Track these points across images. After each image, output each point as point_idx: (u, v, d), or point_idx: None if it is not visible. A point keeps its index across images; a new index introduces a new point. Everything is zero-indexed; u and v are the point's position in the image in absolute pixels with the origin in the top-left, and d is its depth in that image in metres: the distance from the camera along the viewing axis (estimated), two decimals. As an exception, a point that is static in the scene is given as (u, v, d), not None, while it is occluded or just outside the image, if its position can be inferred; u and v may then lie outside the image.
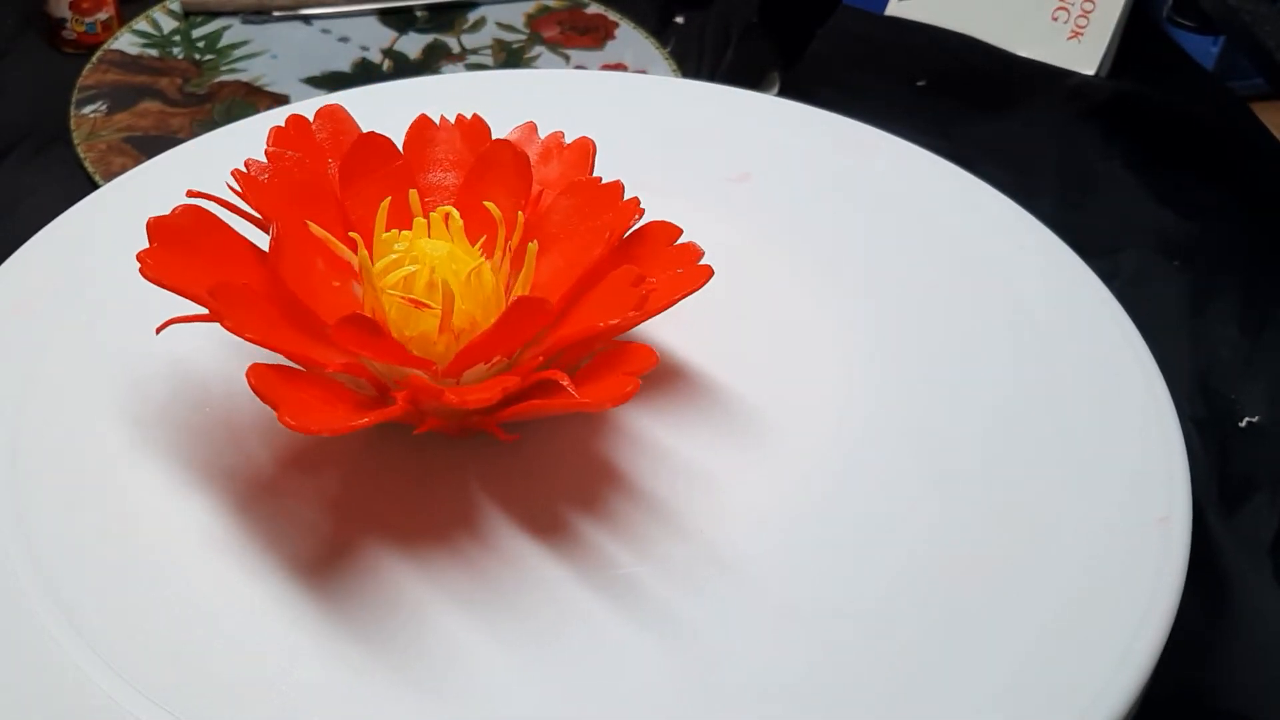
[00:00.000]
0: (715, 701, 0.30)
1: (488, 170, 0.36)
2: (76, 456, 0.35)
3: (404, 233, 0.34)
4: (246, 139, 0.47)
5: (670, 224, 0.35)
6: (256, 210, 0.35)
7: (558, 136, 0.38)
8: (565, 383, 0.31)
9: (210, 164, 0.46)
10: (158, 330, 0.33)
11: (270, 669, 0.30)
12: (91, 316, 0.39)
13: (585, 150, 0.37)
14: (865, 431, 0.37)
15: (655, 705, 0.30)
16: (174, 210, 0.34)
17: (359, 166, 0.36)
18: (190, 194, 0.35)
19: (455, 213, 0.35)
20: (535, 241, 0.34)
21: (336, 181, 0.36)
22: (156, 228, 0.33)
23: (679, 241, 0.35)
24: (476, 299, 0.33)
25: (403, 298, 0.33)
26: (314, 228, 0.34)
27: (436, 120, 0.38)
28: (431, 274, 0.33)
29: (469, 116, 0.38)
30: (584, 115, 0.48)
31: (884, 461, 0.36)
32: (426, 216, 0.35)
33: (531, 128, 0.38)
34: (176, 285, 0.32)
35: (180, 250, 0.33)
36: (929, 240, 0.44)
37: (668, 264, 0.34)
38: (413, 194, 0.35)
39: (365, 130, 0.37)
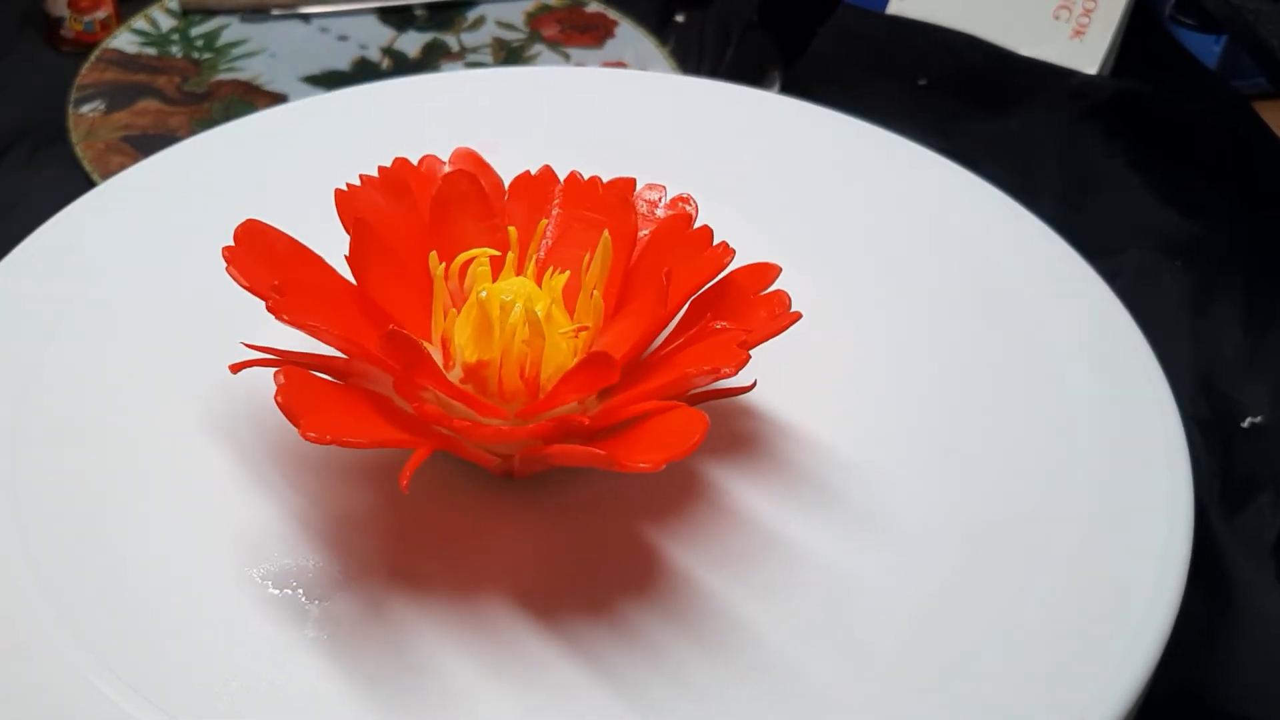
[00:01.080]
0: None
1: (580, 222, 0.36)
2: (75, 456, 0.35)
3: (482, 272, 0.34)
4: (245, 138, 0.47)
5: (765, 267, 0.34)
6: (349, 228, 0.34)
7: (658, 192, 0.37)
8: (601, 453, 0.29)
9: (208, 163, 0.46)
10: (234, 370, 0.32)
11: (270, 673, 0.30)
12: (90, 316, 0.39)
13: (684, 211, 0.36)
14: (867, 427, 0.36)
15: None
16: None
17: (454, 204, 0.35)
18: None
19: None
20: (598, 293, 0.33)
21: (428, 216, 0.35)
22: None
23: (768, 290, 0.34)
24: (546, 341, 0.32)
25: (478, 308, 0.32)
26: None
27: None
28: (504, 304, 0.32)
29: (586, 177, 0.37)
30: (584, 114, 0.48)
31: (885, 454, 0.36)
32: (522, 259, 0.34)
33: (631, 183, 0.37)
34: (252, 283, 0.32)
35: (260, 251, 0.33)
36: (930, 240, 0.43)
37: (755, 310, 0.33)
38: (511, 231, 0.35)
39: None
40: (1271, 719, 0.41)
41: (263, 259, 0.33)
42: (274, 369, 0.30)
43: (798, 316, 0.33)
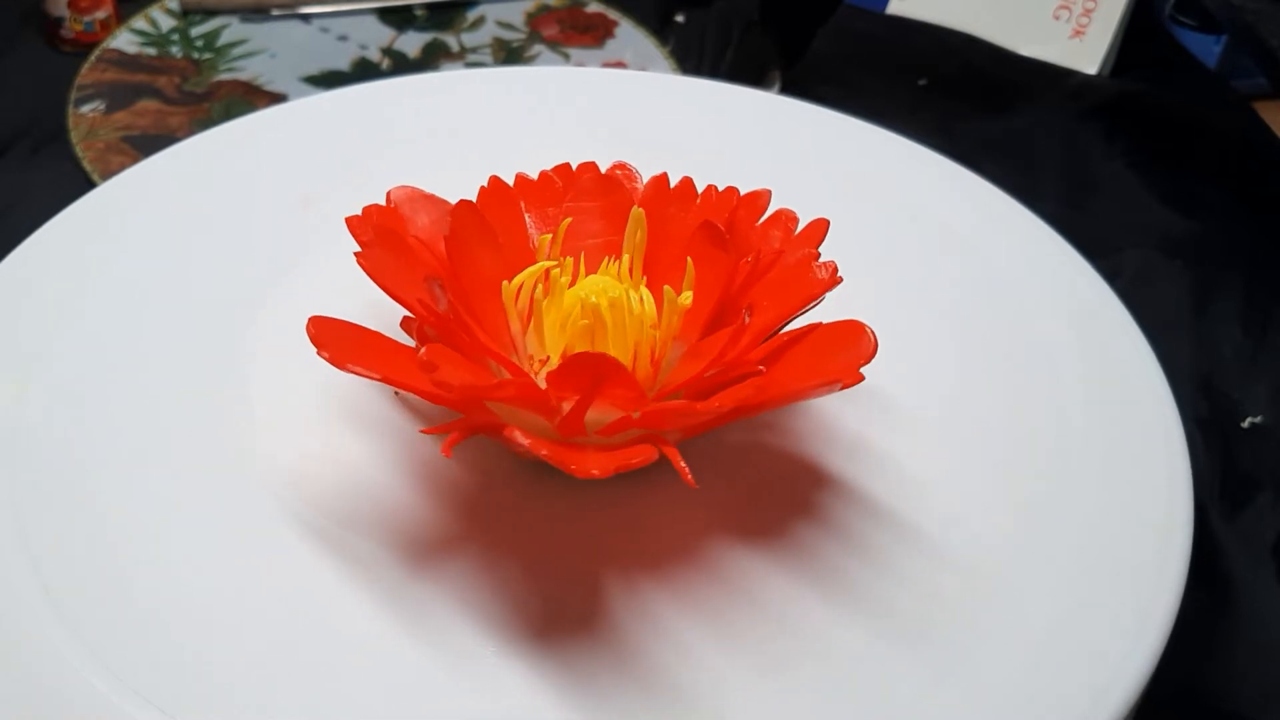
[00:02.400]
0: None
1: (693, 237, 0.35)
2: (74, 456, 0.35)
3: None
4: (243, 138, 0.47)
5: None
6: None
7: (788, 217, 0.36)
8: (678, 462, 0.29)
9: (207, 163, 0.46)
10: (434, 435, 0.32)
11: (270, 675, 0.30)
12: (89, 316, 0.39)
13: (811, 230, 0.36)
14: (867, 425, 0.36)
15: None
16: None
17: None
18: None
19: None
20: (688, 294, 0.33)
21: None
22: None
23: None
24: (630, 338, 0.32)
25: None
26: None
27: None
28: (588, 298, 0.32)
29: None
30: (585, 113, 0.48)
31: (891, 453, 0.36)
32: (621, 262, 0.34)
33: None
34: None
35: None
36: (930, 240, 0.43)
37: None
38: (636, 219, 0.34)
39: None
40: (1271, 719, 0.41)
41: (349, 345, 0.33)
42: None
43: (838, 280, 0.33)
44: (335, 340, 0.30)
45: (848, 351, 0.31)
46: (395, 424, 0.36)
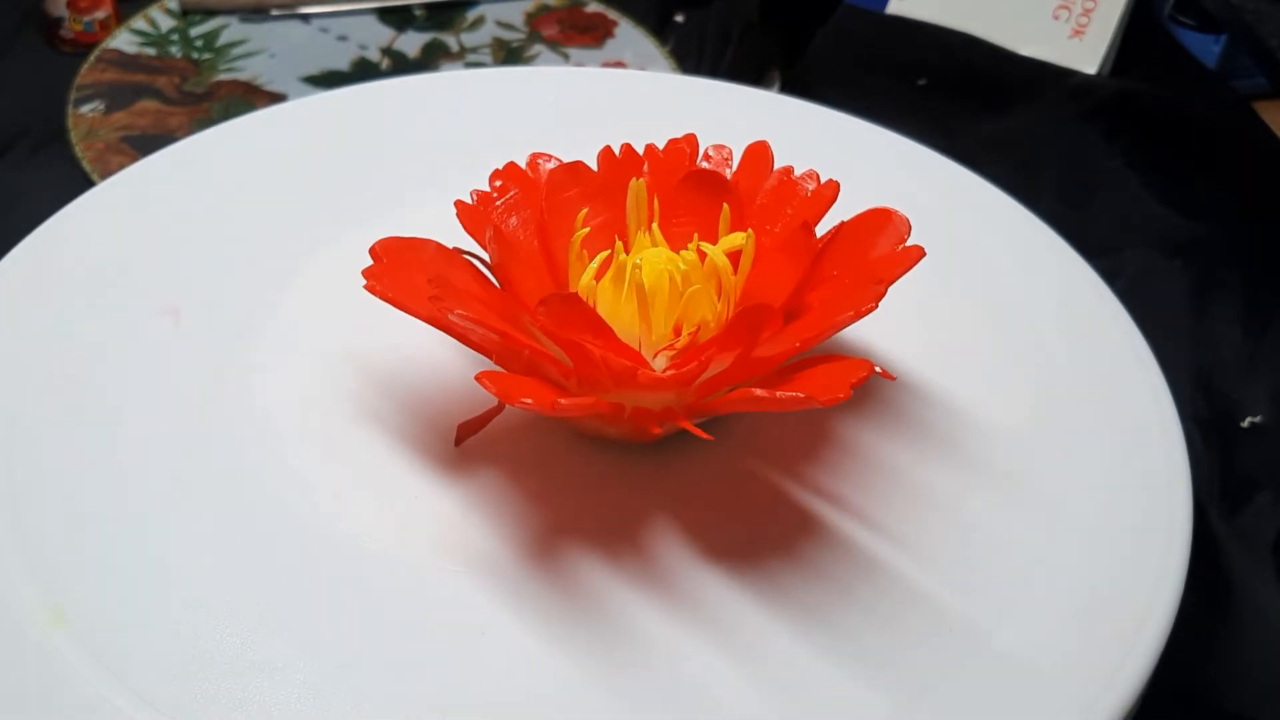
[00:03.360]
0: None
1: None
2: (74, 456, 0.35)
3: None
4: (242, 137, 0.47)
5: (879, 213, 0.35)
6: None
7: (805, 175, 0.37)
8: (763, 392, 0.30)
9: (206, 162, 0.46)
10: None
11: (272, 675, 0.30)
12: (89, 315, 0.39)
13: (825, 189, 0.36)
14: (865, 423, 0.36)
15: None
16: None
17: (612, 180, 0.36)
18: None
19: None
20: (750, 233, 0.34)
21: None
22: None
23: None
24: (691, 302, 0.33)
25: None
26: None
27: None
28: (636, 267, 0.32)
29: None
30: (584, 113, 0.48)
31: (883, 451, 0.36)
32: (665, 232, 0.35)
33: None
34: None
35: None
36: (930, 239, 0.43)
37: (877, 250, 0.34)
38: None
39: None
40: (1271, 719, 0.41)
41: (405, 269, 0.33)
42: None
43: (920, 251, 0.33)
44: (505, 385, 0.30)
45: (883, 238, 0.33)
46: (397, 424, 0.36)
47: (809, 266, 0.33)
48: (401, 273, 0.33)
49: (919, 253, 0.33)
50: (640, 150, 0.37)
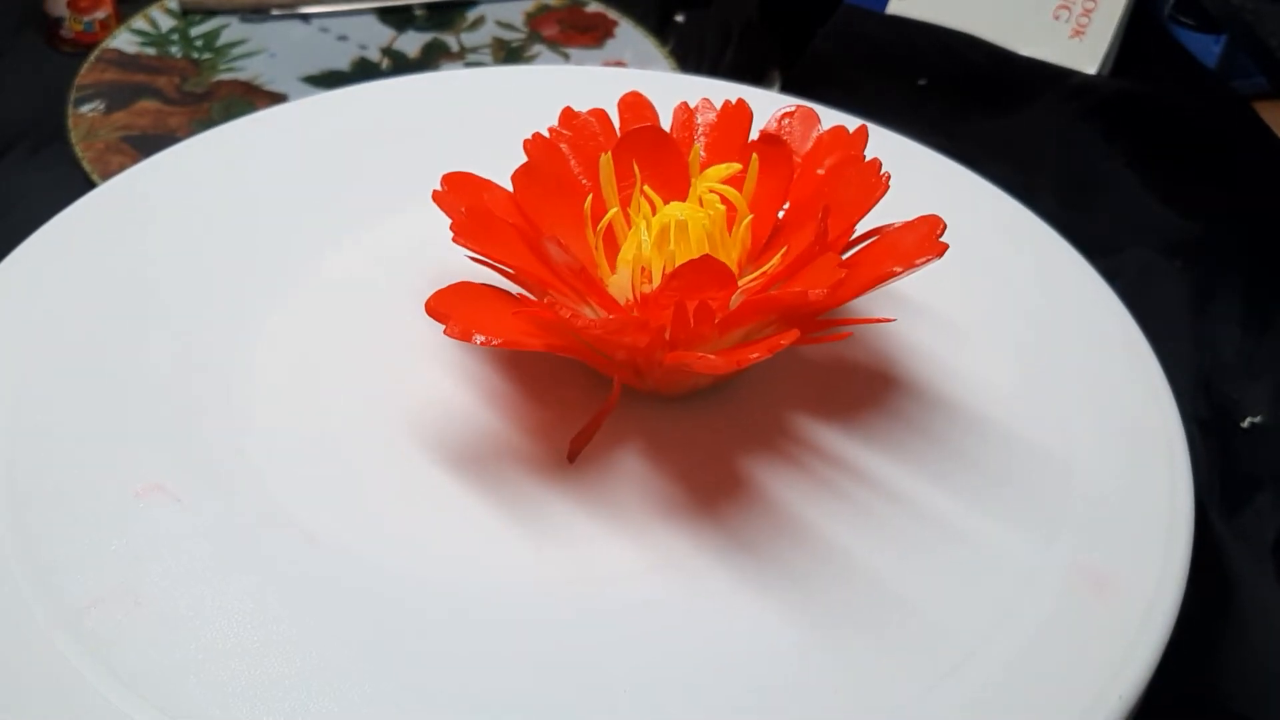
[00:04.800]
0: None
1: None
2: (75, 456, 0.35)
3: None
4: (243, 137, 0.47)
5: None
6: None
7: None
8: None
9: (208, 163, 0.46)
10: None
11: (275, 675, 0.30)
12: (90, 316, 0.39)
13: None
14: (864, 423, 0.36)
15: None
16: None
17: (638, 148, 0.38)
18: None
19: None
20: (750, 217, 0.36)
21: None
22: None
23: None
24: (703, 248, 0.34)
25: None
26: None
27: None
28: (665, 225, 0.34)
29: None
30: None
31: (880, 458, 0.36)
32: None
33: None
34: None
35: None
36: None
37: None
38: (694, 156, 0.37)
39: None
40: (1272, 719, 0.41)
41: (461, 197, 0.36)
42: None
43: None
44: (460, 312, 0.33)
45: (919, 239, 0.34)
46: (399, 423, 0.36)
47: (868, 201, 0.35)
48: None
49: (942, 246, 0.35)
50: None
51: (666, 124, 0.39)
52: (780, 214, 0.37)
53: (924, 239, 0.34)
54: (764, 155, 0.37)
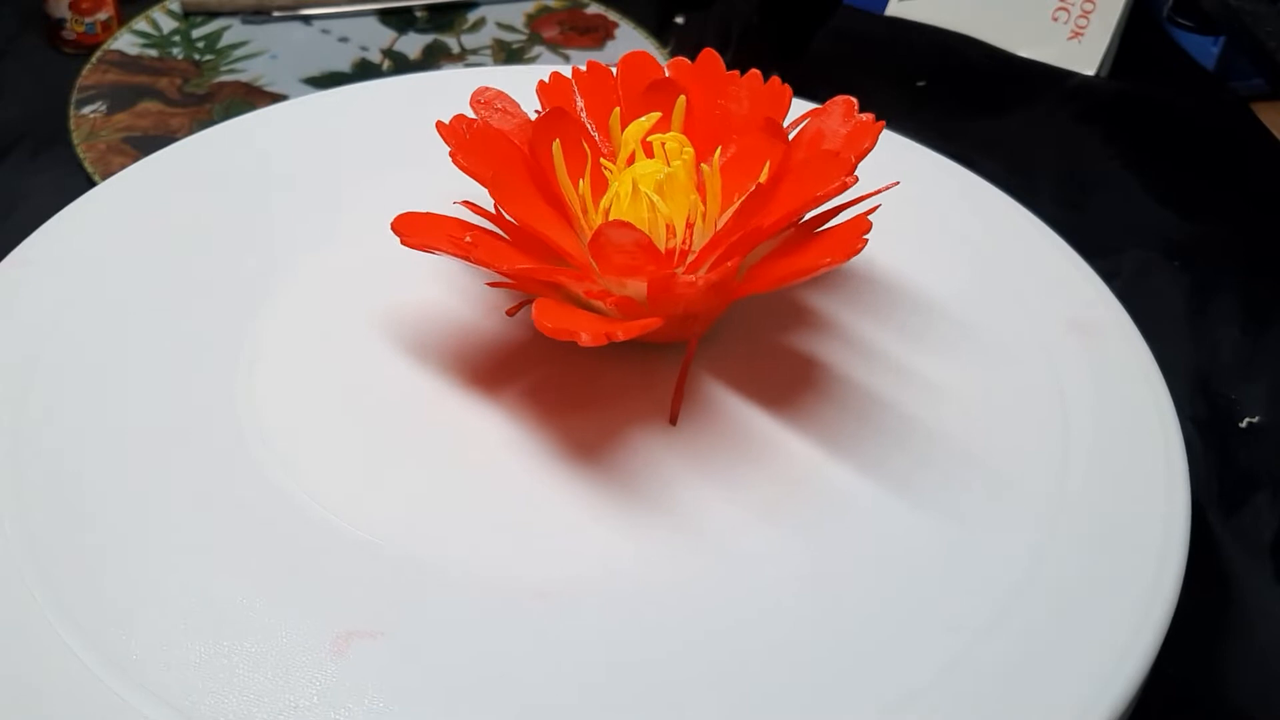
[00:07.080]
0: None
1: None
2: (77, 456, 0.35)
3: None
4: (242, 137, 0.47)
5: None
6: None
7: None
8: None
9: (207, 162, 0.46)
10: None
11: (278, 670, 0.30)
12: (90, 316, 0.39)
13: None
14: (865, 422, 0.36)
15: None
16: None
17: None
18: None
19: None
20: (713, 166, 0.37)
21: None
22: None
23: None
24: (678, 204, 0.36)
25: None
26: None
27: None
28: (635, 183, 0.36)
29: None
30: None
31: (876, 455, 0.36)
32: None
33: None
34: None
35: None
36: (929, 240, 0.43)
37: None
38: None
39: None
40: (1272, 719, 0.41)
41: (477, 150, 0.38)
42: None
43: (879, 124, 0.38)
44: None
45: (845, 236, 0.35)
46: (400, 421, 0.36)
47: (783, 153, 0.36)
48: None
49: (878, 125, 0.38)
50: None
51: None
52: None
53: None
54: (666, 100, 0.38)
